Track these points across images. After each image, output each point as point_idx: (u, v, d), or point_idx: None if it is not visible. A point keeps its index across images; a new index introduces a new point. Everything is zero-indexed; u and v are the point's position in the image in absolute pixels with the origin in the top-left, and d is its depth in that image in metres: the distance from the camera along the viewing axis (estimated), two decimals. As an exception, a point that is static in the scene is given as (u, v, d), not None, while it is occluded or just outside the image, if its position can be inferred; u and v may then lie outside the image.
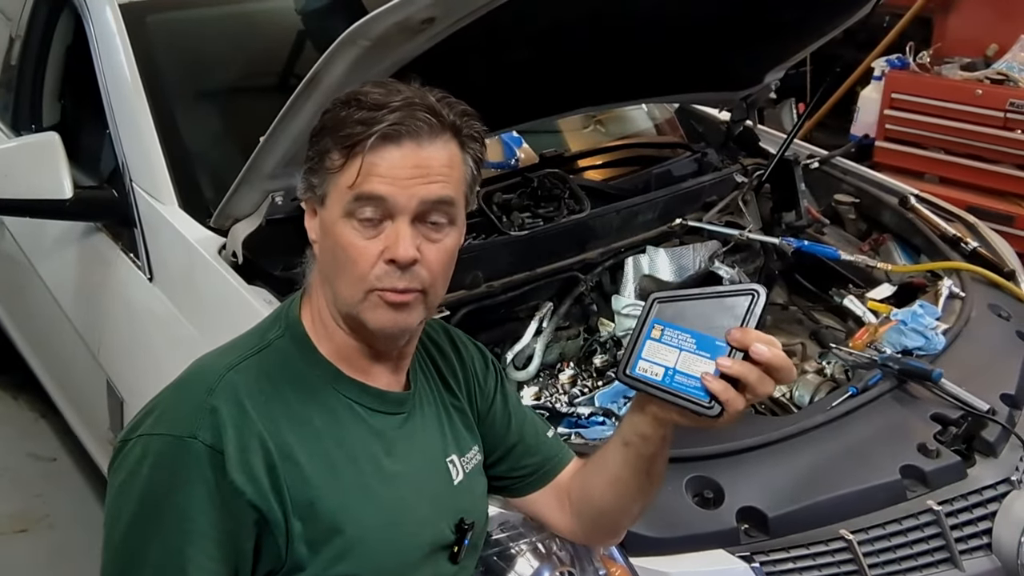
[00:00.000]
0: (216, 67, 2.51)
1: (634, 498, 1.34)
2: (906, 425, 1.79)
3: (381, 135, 1.14)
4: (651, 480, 1.32)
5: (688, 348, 1.14)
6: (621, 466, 1.30)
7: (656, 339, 1.16)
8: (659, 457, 1.28)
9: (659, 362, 1.15)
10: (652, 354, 1.16)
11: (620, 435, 1.30)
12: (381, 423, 1.26)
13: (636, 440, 1.26)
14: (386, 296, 1.17)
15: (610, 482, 1.33)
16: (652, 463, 1.28)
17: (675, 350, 1.15)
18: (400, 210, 1.16)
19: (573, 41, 1.94)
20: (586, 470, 1.40)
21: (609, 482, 1.33)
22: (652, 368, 1.16)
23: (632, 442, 1.27)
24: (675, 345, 1.15)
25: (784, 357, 1.12)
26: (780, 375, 1.12)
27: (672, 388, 1.14)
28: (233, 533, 1.13)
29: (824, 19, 2.38)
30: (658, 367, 1.15)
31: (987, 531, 1.66)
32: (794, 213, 2.58)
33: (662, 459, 1.29)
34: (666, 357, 1.15)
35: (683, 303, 1.17)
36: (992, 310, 2.16)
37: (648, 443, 1.25)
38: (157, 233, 2.09)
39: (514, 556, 1.46)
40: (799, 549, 1.56)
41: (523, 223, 2.24)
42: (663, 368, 1.15)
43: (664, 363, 1.15)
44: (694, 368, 1.13)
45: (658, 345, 1.16)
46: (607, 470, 1.33)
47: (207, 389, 1.16)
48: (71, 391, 2.72)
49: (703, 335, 1.14)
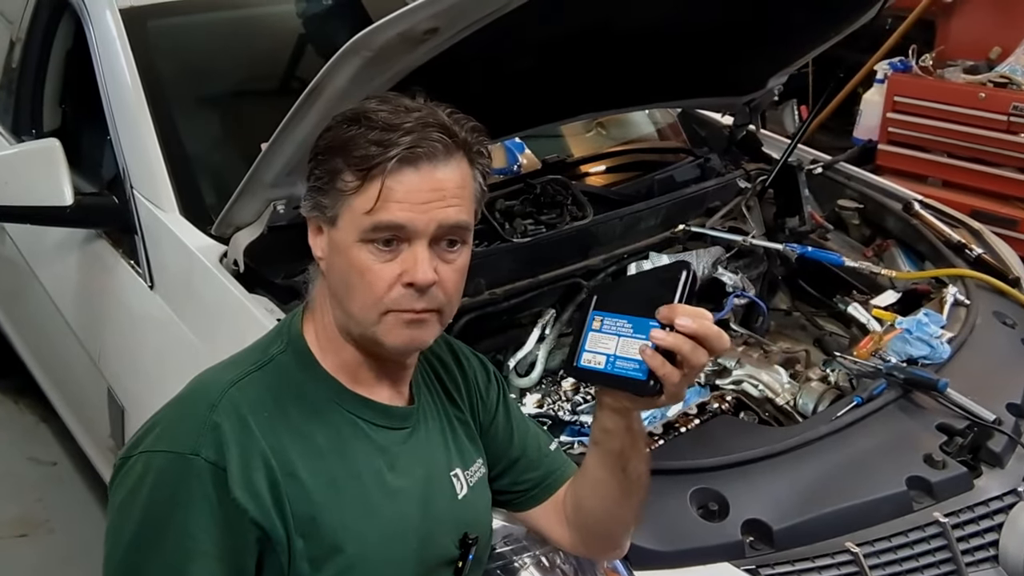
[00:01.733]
0: (217, 72, 2.50)
1: (618, 501, 1.32)
2: (912, 436, 1.77)
3: (400, 159, 1.13)
4: (629, 479, 1.29)
5: (625, 333, 1.17)
6: (597, 468, 1.30)
7: (597, 330, 1.20)
8: (631, 453, 1.27)
9: (601, 351, 1.18)
10: (594, 344, 1.19)
11: (591, 437, 1.31)
12: (385, 438, 1.25)
13: (602, 437, 1.27)
14: (403, 316, 1.17)
15: (592, 487, 1.33)
16: (624, 459, 1.27)
17: (614, 337, 1.18)
18: (419, 235, 1.15)
19: (576, 48, 1.93)
20: (574, 481, 1.40)
21: (592, 488, 1.33)
22: (595, 358, 1.19)
23: (600, 440, 1.28)
24: (613, 332, 1.18)
25: (711, 327, 1.13)
26: (711, 344, 1.13)
27: (613, 372, 1.17)
28: (235, 550, 1.12)
29: (828, 24, 2.37)
30: (600, 356, 1.18)
31: (994, 543, 1.65)
32: (797, 218, 2.58)
33: (636, 455, 1.28)
34: (607, 345, 1.18)
35: (618, 291, 1.22)
36: (997, 318, 2.15)
37: (612, 437, 1.25)
38: (158, 240, 2.08)
39: (518, 570, 1.46)
40: (805, 562, 1.55)
41: (526, 230, 2.24)
42: (604, 356, 1.18)
43: (605, 351, 1.18)
44: (631, 351, 1.16)
45: (599, 335, 1.19)
46: (588, 476, 1.33)
47: (209, 405, 1.16)
48: (72, 397, 2.72)
49: (638, 319, 1.17)
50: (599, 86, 2.20)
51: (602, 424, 1.26)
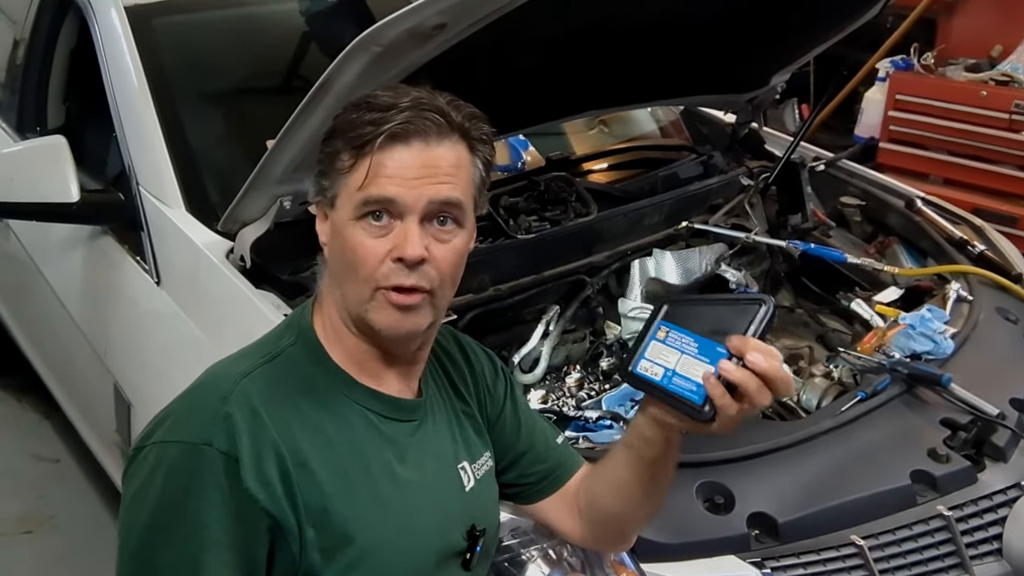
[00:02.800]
0: (222, 69, 2.50)
1: (639, 503, 1.34)
2: (916, 430, 1.78)
3: (390, 134, 1.15)
4: (656, 485, 1.31)
5: (689, 352, 1.16)
6: (624, 469, 1.30)
7: (660, 340, 1.18)
8: (663, 463, 1.28)
9: (660, 363, 1.17)
10: (655, 355, 1.18)
11: (624, 438, 1.30)
12: (393, 430, 1.26)
13: (639, 443, 1.26)
14: (391, 297, 1.17)
15: (615, 486, 1.33)
16: (655, 468, 1.28)
17: (677, 352, 1.16)
18: (408, 210, 1.16)
19: (580, 45, 1.94)
20: (592, 475, 1.40)
21: (614, 486, 1.33)
22: (653, 368, 1.18)
23: (635, 445, 1.27)
24: (677, 347, 1.17)
25: (780, 369, 1.12)
26: (776, 387, 1.12)
27: (668, 388, 1.15)
28: (247, 540, 1.13)
29: (831, 22, 2.38)
30: (658, 367, 1.17)
31: (997, 536, 1.66)
32: (800, 216, 2.58)
33: (667, 465, 1.29)
34: (667, 358, 1.17)
35: (691, 307, 1.20)
36: (1000, 313, 2.15)
37: (650, 446, 1.25)
38: (164, 237, 2.08)
39: (525, 562, 1.46)
40: (810, 555, 1.56)
41: (530, 226, 2.25)
42: (663, 369, 1.16)
43: (665, 364, 1.17)
44: (693, 372, 1.14)
45: (661, 346, 1.18)
46: (612, 474, 1.33)
47: (221, 396, 1.16)
48: (76, 394, 2.72)
49: (706, 340, 1.15)
50: (603, 83, 2.20)
51: (641, 432, 1.25)
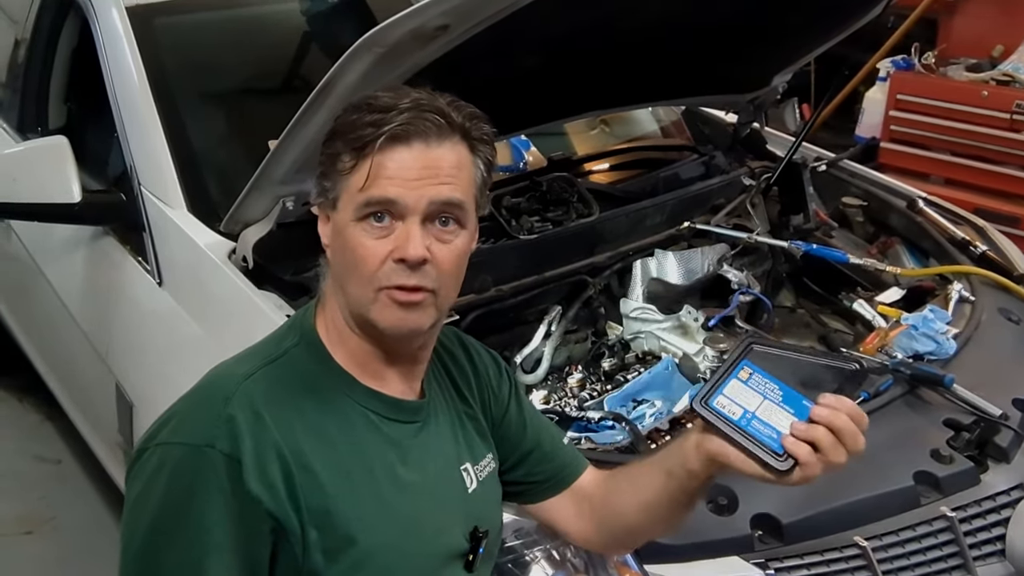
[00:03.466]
0: (223, 70, 2.50)
1: (665, 522, 1.33)
2: (919, 431, 1.78)
3: (390, 135, 1.15)
4: (688, 509, 1.30)
5: (773, 398, 1.11)
6: (659, 493, 1.28)
7: (743, 380, 1.14)
8: (700, 493, 1.27)
9: (740, 403, 1.12)
10: (735, 393, 1.13)
11: (663, 464, 1.26)
12: (396, 432, 1.26)
13: (682, 474, 1.23)
14: (394, 295, 1.17)
15: (643, 505, 1.32)
16: (692, 497, 1.27)
17: (759, 396, 1.12)
18: (410, 211, 1.16)
19: (582, 46, 1.94)
20: (616, 485, 1.38)
21: (642, 505, 1.32)
22: (731, 406, 1.13)
23: (677, 475, 1.24)
24: (760, 392, 1.12)
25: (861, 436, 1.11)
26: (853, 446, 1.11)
27: (746, 430, 1.11)
28: (249, 541, 1.13)
29: (833, 23, 2.38)
30: (737, 407, 1.12)
31: (1000, 537, 1.66)
32: (802, 216, 2.58)
33: (703, 493, 1.28)
34: (748, 400, 1.12)
35: (779, 354, 1.15)
36: (1002, 314, 2.15)
37: (694, 479, 1.22)
38: (166, 237, 2.08)
39: (528, 563, 1.46)
40: (813, 556, 1.56)
41: (532, 227, 2.25)
42: (742, 409, 1.12)
43: (745, 405, 1.12)
44: (775, 419, 1.10)
45: (743, 387, 1.13)
46: (642, 493, 1.31)
47: (224, 398, 1.16)
48: (78, 394, 2.72)
49: (792, 390, 1.11)
50: (605, 84, 2.21)
51: (689, 465, 1.21)
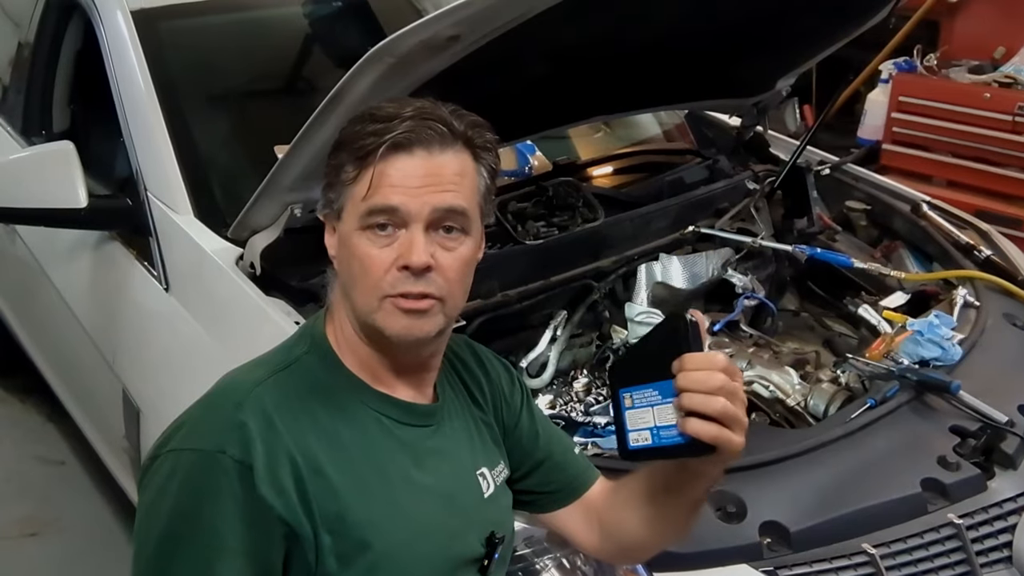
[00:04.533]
0: (229, 74, 2.50)
1: (676, 528, 1.33)
2: (925, 438, 1.79)
3: (392, 143, 1.15)
4: (695, 513, 1.30)
5: (656, 401, 1.12)
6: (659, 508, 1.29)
7: (630, 408, 1.14)
8: (706, 495, 1.27)
9: (642, 427, 1.13)
10: (635, 423, 1.14)
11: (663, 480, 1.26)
12: (409, 436, 1.26)
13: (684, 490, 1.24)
14: (399, 303, 1.17)
15: (646, 520, 1.32)
16: (698, 503, 1.28)
17: (648, 409, 1.12)
18: (413, 218, 1.16)
19: (589, 52, 1.94)
20: (622, 501, 1.37)
21: (645, 519, 1.32)
22: (640, 435, 1.13)
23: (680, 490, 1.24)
24: (646, 404, 1.13)
25: (720, 374, 1.07)
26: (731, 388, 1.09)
27: (662, 445, 1.11)
28: (262, 548, 1.13)
29: (837, 26, 2.38)
30: (644, 431, 1.13)
31: (1007, 544, 1.66)
32: (806, 220, 2.58)
33: (702, 498, 1.28)
34: (645, 419, 1.13)
35: (631, 362, 1.15)
36: (1007, 319, 2.15)
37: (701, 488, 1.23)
38: (172, 243, 2.08)
39: (539, 571, 1.47)
40: (822, 563, 1.56)
41: (538, 232, 2.25)
42: (648, 431, 1.12)
43: (646, 425, 1.13)
44: (669, 417, 1.10)
45: (635, 412, 1.14)
46: (643, 507, 1.31)
47: (235, 404, 1.16)
48: (83, 397, 2.72)
49: (660, 383, 1.11)
50: (609, 89, 2.20)
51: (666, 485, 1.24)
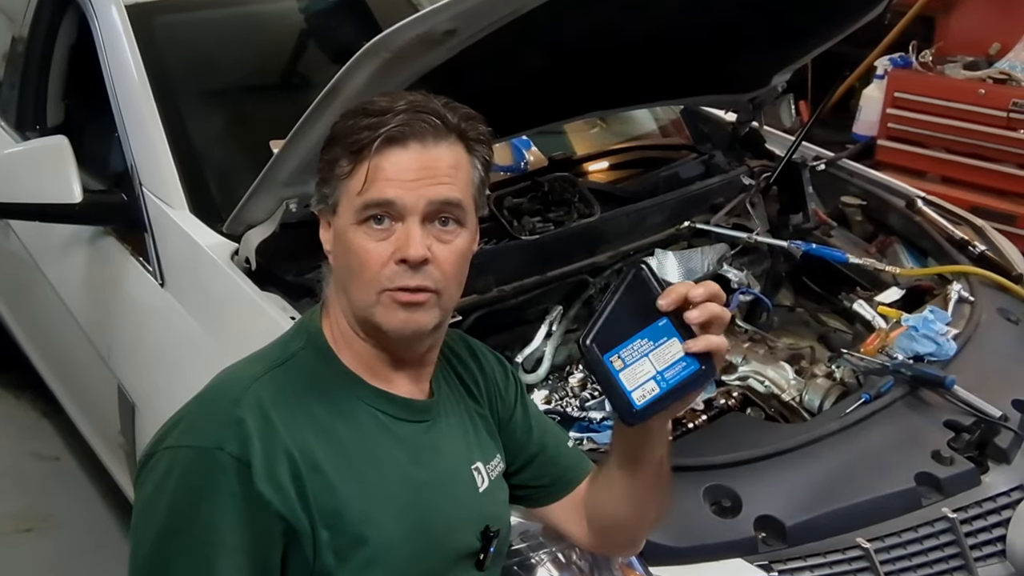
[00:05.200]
0: (224, 68, 2.50)
1: (649, 501, 1.35)
2: (920, 432, 1.79)
3: (386, 137, 1.16)
4: (662, 481, 1.33)
5: (650, 349, 1.15)
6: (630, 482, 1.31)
7: (623, 368, 1.16)
8: (667, 461, 1.30)
9: (644, 379, 1.15)
10: (634, 380, 1.15)
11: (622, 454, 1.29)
12: (406, 431, 1.26)
13: (640, 455, 1.27)
14: (397, 296, 1.18)
15: (622, 499, 1.34)
16: (660, 469, 1.30)
17: (644, 359, 1.15)
18: (409, 211, 1.17)
19: (585, 47, 1.94)
20: (595, 488, 1.40)
21: (621, 499, 1.34)
22: (645, 389, 1.15)
23: (637, 458, 1.28)
24: (640, 356, 1.15)
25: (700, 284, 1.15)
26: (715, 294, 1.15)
27: (674, 385, 1.15)
28: (260, 543, 1.13)
29: (833, 22, 2.38)
30: (648, 383, 1.15)
31: (1001, 538, 1.67)
32: (801, 215, 2.59)
33: (669, 455, 1.31)
34: (645, 370, 1.15)
35: (605, 326, 1.17)
36: (1001, 314, 2.16)
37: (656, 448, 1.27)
38: (168, 238, 2.08)
39: (534, 566, 1.47)
40: (816, 558, 1.56)
41: (534, 227, 2.25)
42: (652, 380, 1.15)
43: (648, 376, 1.15)
44: (670, 355, 1.15)
45: (629, 370, 1.16)
46: (617, 488, 1.33)
47: (233, 400, 1.17)
48: (79, 394, 2.71)
49: (646, 329, 1.15)
50: (606, 85, 2.21)
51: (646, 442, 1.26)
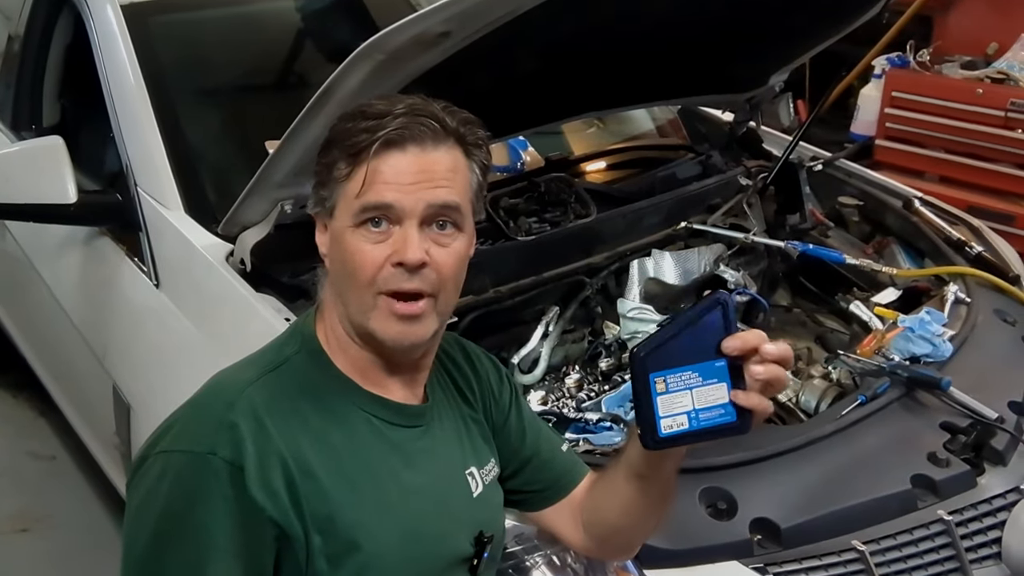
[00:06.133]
0: (220, 68, 2.50)
1: (653, 513, 1.34)
2: (915, 434, 1.79)
3: (385, 140, 1.15)
4: (668, 495, 1.32)
5: (696, 384, 1.12)
6: (637, 495, 1.29)
7: (663, 392, 1.14)
8: (675, 476, 1.29)
9: (678, 411, 1.13)
10: (667, 408, 1.13)
11: (632, 467, 1.27)
12: (399, 436, 1.26)
13: (651, 473, 1.26)
14: (394, 307, 1.18)
15: (625, 509, 1.33)
16: (668, 484, 1.29)
17: (686, 392, 1.13)
18: (407, 215, 1.17)
19: (581, 47, 1.94)
20: (596, 494, 1.39)
21: (624, 509, 1.33)
22: (675, 421, 1.13)
23: (647, 475, 1.26)
24: (683, 387, 1.13)
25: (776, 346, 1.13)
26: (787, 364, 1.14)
27: (703, 428, 1.13)
28: (253, 549, 1.13)
29: (831, 21, 2.37)
30: (680, 416, 1.13)
31: (997, 540, 1.67)
32: (798, 216, 2.58)
33: (672, 481, 1.30)
34: (682, 403, 1.13)
35: (664, 346, 1.15)
36: (998, 315, 2.15)
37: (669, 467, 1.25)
38: (163, 238, 2.07)
39: (529, 569, 1.46)
40: (812, 560, 1.56)
41: (530, 228, 2.24)
42: (685, 415, 1.13)
43: (683, 409, 1.13)
44: (712, 398, 1.12)
45: (668, 397, 1.14)
46: (621, 497, 1.32)
47: (226, 405, 1.16)
48: (74, 394, 2.71)
49: (702, 364, 1.12)
50: (603, 84, 2.20)
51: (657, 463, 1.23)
